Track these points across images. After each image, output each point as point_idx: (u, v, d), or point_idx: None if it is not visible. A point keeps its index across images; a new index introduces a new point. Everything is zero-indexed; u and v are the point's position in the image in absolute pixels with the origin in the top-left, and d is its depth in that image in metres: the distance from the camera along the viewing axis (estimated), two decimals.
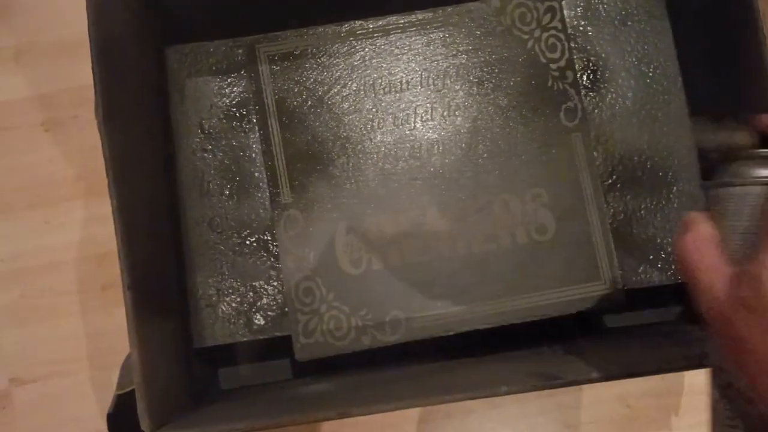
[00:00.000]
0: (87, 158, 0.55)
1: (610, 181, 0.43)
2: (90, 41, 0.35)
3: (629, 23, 0.44)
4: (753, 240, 0.26)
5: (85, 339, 0.53)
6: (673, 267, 0.42)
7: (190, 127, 0.43)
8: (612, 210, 0.43)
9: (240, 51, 0.43)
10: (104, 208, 0.52)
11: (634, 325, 0.46)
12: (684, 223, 0.29)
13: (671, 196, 0.43)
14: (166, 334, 0.38)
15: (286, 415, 0.34)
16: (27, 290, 0.53)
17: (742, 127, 0.37)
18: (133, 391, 0.47)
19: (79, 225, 0.54)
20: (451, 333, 0.41)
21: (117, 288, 0.53)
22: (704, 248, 0.28)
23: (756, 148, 0.30)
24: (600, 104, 0.44)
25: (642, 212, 0.43)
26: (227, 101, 0.43)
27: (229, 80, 0.43)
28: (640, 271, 0.42)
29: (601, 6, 0.44)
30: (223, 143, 0.43)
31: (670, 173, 0.43)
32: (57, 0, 0.56)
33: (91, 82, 0.54)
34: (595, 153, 0.43)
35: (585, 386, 0.51)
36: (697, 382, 0.50)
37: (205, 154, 0.43)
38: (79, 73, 0.55)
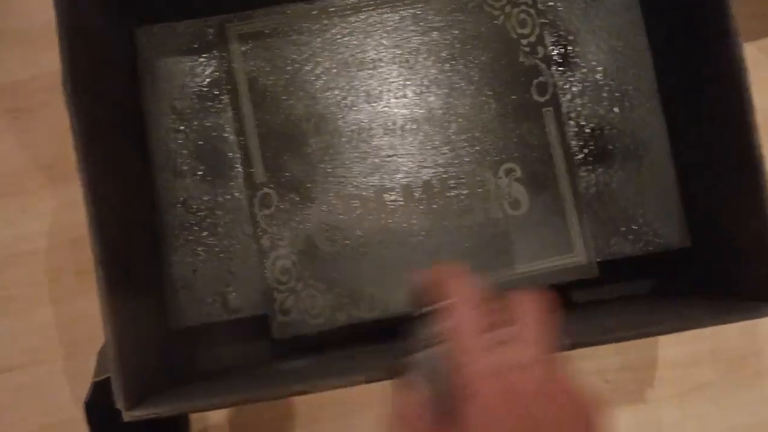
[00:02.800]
0: (58, 144, 0.54)
1: (582, 155, 0.44)
2: (56, 19, 0.35)
3: None
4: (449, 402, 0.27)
5: (60, 327, 0.52)
6: (645, 238, 0.43)
7: (162, 108, 0.43)
8: (584, 183, 0.43)
9: (210, 30, 0.43)
10: (77, 193, 0.52)
11: (605, 299, 0.46)
12: (394, 390, 0.29)
13: (642, 168, 0.43)
14: (141, 314, 0.38)
15: (261, 390, 0.34)
16: (1, 280, 0.52)
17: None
18: (109, 378, 0.47)
19: (52, 212, 0.53)
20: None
21: (91, 274, 0.52)
22: (410, 414, 0.28)
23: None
24: (571, 79, 0.44)
25: (614, 185, 0.43)
26: (199, 81, 0.43)
27: (200, 60, 0.43)
28: (612, 243, 0.43)
29: None
30: (196, 124, 0.43)
31: (641, 146, 0.44)
32: None
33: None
34: (566, 127, 0.44)
35: None
36: (671, 355, 0.51)
37: (178, 135, 0.43)
38: (50, 60, 0.53)
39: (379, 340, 0.43)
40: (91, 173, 0.33)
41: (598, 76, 0.44)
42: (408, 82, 0.43)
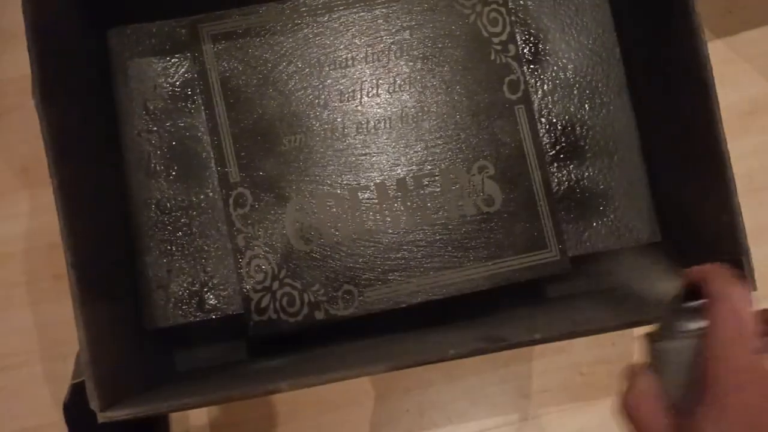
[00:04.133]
0: (33, 148, 0.54)
1: (553, 151, 0.44)
2: (24, 20, 0.35)
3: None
4: (690, 394, 0.27)
5: (38, 330, 0.52)
6: (616, 232, 0.44)
7: (134, 109, 0.43)
8: (556, 180, 0.44)
9: (183, 31, 0.43)
10: (52, 197, 0.53)
11: (577, 293, 0.47)
12: (625, 377, 0.30)
13: (612, 164, 0.44)
14: (116, 315, 0.38)
15: (237, 389, 0.34)
16: None
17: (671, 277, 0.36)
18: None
19: (28, 215, 0.53)
20: (403, 305, 0.42)
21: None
22: (643, 403, 0.28)
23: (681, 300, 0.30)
24: (542, 76, 0.45)
25: (585, 181, 0.44)
26: (172, 82, 0.43)
27: (172, 61, 0.43)
28: (584, 238, 0.44)
29: None
30: (169, 124, 0.43)
31: (611, 142, 0.44)
32: None
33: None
34: (538, 125, 0.44)
35: (539, 356, 0.52)
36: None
37: (151, 136, 0.43)
38: (22, 62, 0.53)
39: (357, 337, 0.43)
40: (62, 179, 0.33)
41: (568, 73, 0.45)
42: (381, 81, 0.43)
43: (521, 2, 0.45)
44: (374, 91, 0.43)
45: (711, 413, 0.26)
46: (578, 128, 0.44)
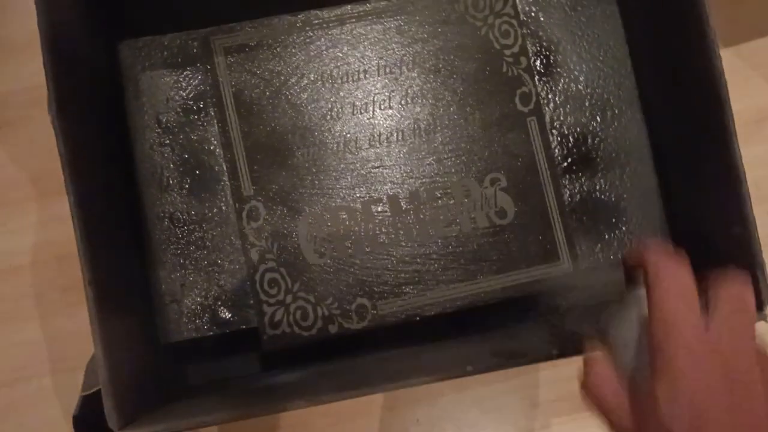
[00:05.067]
0: (41, 159, 0.54)
1: (565, 164, 0.44)
2: (40, 35, 0.34)
3: (579, 8, 0.45)
4: (645, 373, 0.27)
5: (47, 343, 0.52)
6: (628, 244, 0.44)
7: (146, 122, 0.43)
8: (568, 192, 0.44)
9: (195, 44, 0.43)
10: (61, 208, 0.52)
11: (589, 302, 0.47)
12: (585, 361, 0.30)
13: (624, 176, 0.44)
14: (130, 330, 0.38)
15: (255, 406, 0.34)
16: None
17: None
18: (98, 392, 0.47)
19: (37, 227, 0.53)
20: (417, 318, 0.42)
21: (78, 290, 0.51)
22: (604, 387, 0.29)
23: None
24: (553, 88, 0.45)
25: (597, 193, 0.44)
26: (184, 95, 0.43)
27: (184, 73, 0.43)
28: (597, 250, 0.44)
29: None
30: (181, 137, 0.43)
31: (623, 154, 0.44)
32: (6, 0, 0.54)
33: (43, 81, 0.53)
34: (550, 137, 0.44)
35: (549, 365, 0.52)
36: None
37: (164, 149, 0.43)
38: (30, 73, 0.54)
39: (370, 349, 0.43)
40: (79, 195, 0.33)
41: (580, 85, 0.45)
42: (393, 94, 0.43)
43: (533, 14, 0.45)
44: (387, 104, 0.43)
45: (663, 391, 0.26)
46: (590, 140, 0.44)
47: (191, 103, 0.43)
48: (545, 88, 0.45)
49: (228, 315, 0.42)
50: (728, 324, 0.27)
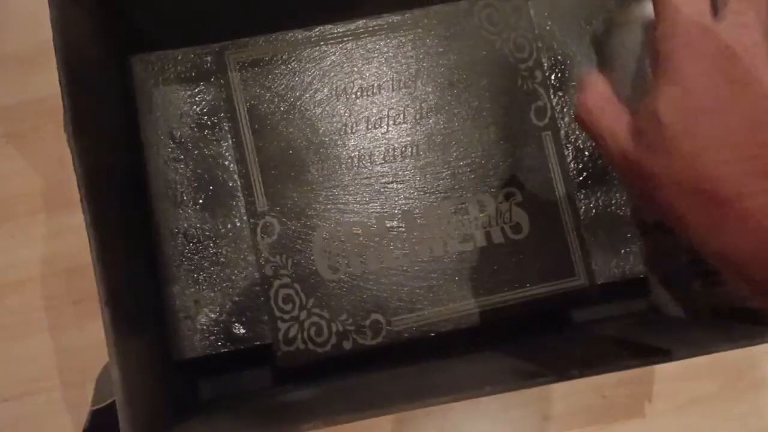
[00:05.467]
0: (51, 170, 0.53)
1: (580, 178, 0.44)
2: (56, 54, 0.34)
3: (594, 22, 0.45)
4: (643, 82, 0.27)
5: (57, 356, 0.52)
6: (642, 260, 0.43)
7: (160, 137, 0.42)
8: (583, 206, 0.44)
9: (208, 58, 0.43)
10: (71, 220, 0.52)
11: (605, 318, 0.47)
12: (580, 84, 0.30)
13: None
14: (146, 348, 0.38)
15: (272, 426, 0.34)
16: None
17: None
18: (108, 406, 0.46)
19: (46, 239, 0.53)
20: (432, 334, 0.42)
21: (88, 302, 0.52)
22: (603, 105, 0.28)
23: None
24: (568, 102, 0.44)
25: (612, 207, 0.44)
26: (197, 109, 0.43)
27: (198, 88, 0.43)
28: (612, 265, 0.43)
29: (566, 5, 0.45)
30: (195, 152, 0.43)
31: None
32: (14, 11, 0.54)
33: (52, 92, 0.52)
34: (565, 151, 0.44)
35: None
36: (668, 369, 0.52)
37: (177, 164, 0.42)
38: (39, 84, 0.53)
39: (384, 365, 0.43)
40: (94, 215, 0.33)
41: None
42: (408, 108, 0.43)
43: (547, 28, 0.45)
44: (401, 118, 0.43)
45: (661, 81, 0.26)
46: None
47: (205, 117, 0.43)
48: (560, 102, 0.44)
49: (242, 331, 0.42)
50: (736, 19, 0.26)
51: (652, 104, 0.26)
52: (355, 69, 0.43)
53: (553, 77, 0.44)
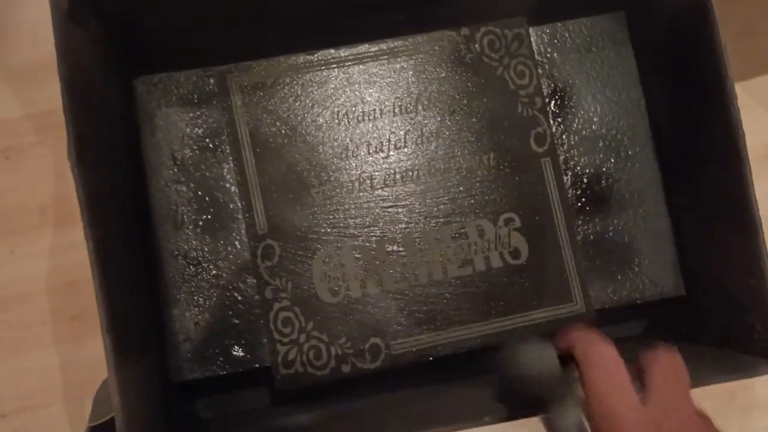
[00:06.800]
0: (50, 186, 0.53)
1: (579, 204, 0.44)
2: (60, 79, 0.34)
3: (594, 49, 0.45)
4: None
5: (55, 371, 0.52)
6: (640, 286, 0.44)
7: (161, 159, 0.43)
8: (581, 232, 0.44)
9: (211, 81, 0.43)
10: (70, 236, 0.52)
11: None
12: (577, 336, 0.30)
13: (638, 217, 0.44)
14: (145, 370, 0.38)
15: None
16: None
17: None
18: (105, 423, 0.47)
19: (46, 254, 0.53)
20: (431, 358, 0.42)
21: (87, 318, 0.52)
22: (613, 367, 0.29)
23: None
24: (568, 129, 0.45)
25: (610, 233, 0.44)
26: (199, 132, 0.43)
27: (200, 110, 0.43)
28: (609, 291, 0.44)
29: (566, 33, 0.45)
30: (197, 174, 0.43)
31: (636, 195, 0.45)
32: (16, 24, 0.54)
33: (53, 107, 0.52)
34: (564, 177, 0.44)
35: None
36: None
37: (179, 186, 0.43)
38: (40, 99, 0.53)
39: (383, 389, 0.43)
40: (97, 240, 0.33)
41: (594, 126, 0.45)
42: (408, 133, 0.44)
43: (548, 55, 0.45)
44: (402, 143, 0.43)
45: None
46: (603, 181, 0.45)
47: (207, 140, 0.43)
48: (559, 128, 0.45)
49: (241, 354, 0.42)
50: (663, 396, 0.28)
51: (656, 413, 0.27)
52: (357, 93, 0.43)
53: (552, 104, 0.45)
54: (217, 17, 0.41)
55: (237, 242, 0.43)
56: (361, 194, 0.43)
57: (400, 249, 0.43)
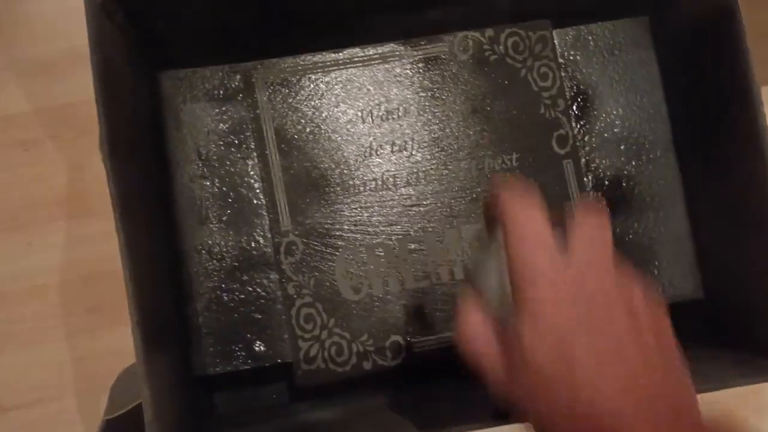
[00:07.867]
0: (69, 178, 0.54)
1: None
2: (93, 71, 0.34)
3: (616, 52, 0.46)
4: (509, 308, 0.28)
5: (70, 364, 0.52)
6: (659, 288, 0.44)
7: (187, 154, 0.43)
8: None
9: (237, 77, 0.43)
10: (88, 228, 0.52)
11: None
12: (455, 316, 0.30)
13: (658, 219, 0.45)
14: (171, 364, 0.38)
15: None
16: (10, 315, 0.51)
17: None
18: (121, 415, 0.47)
19: (63, 247, 0.53)
20: (452, 356, 0.42)
21: (103, 311, 0.52)
22: (477, 336, 0.29)
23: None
24: (589, 131, 0.45)
25: (630, 235, 0.45)
26: (224, 127, 0.43)
27: (225, 106, 0.43)
28: None
29: (590, 36, 0.46)
30: (221, 170, 0.43)
31: (657, 198, 0.45)
32: (35, 18, 0.54)
33: (71, 100, 0.53)
34: (585, 179, 0.45)
35: None
36: None
37: (203, 181, 0.43)
38: (58, 92, 0.54)
39: (403, 387, 0.43)
40: (127, 235, 0.33)
41: (615, 129, 0.45)
42: (433, 132, 0.44)
43: (571, 58, 0.45)
44: (425, 143, 0.44)
45: (525, 327, 0.26)
46: (624, 183, 0.45)
47: (232, 136, 0.43)
48: (581, 130, 0.45)
49: (263, 349, 0.42)
50: (585, 258, 0.27)
51: (520, 346, 0.26)
52: (382, 92, 0.44)
53: (575, 106, 0.45)
54: (244, 15, 0.41)
55: (260, 238, 0.43)
56: (384, 192, 0.43)
57: (422, 248, 0.43)
